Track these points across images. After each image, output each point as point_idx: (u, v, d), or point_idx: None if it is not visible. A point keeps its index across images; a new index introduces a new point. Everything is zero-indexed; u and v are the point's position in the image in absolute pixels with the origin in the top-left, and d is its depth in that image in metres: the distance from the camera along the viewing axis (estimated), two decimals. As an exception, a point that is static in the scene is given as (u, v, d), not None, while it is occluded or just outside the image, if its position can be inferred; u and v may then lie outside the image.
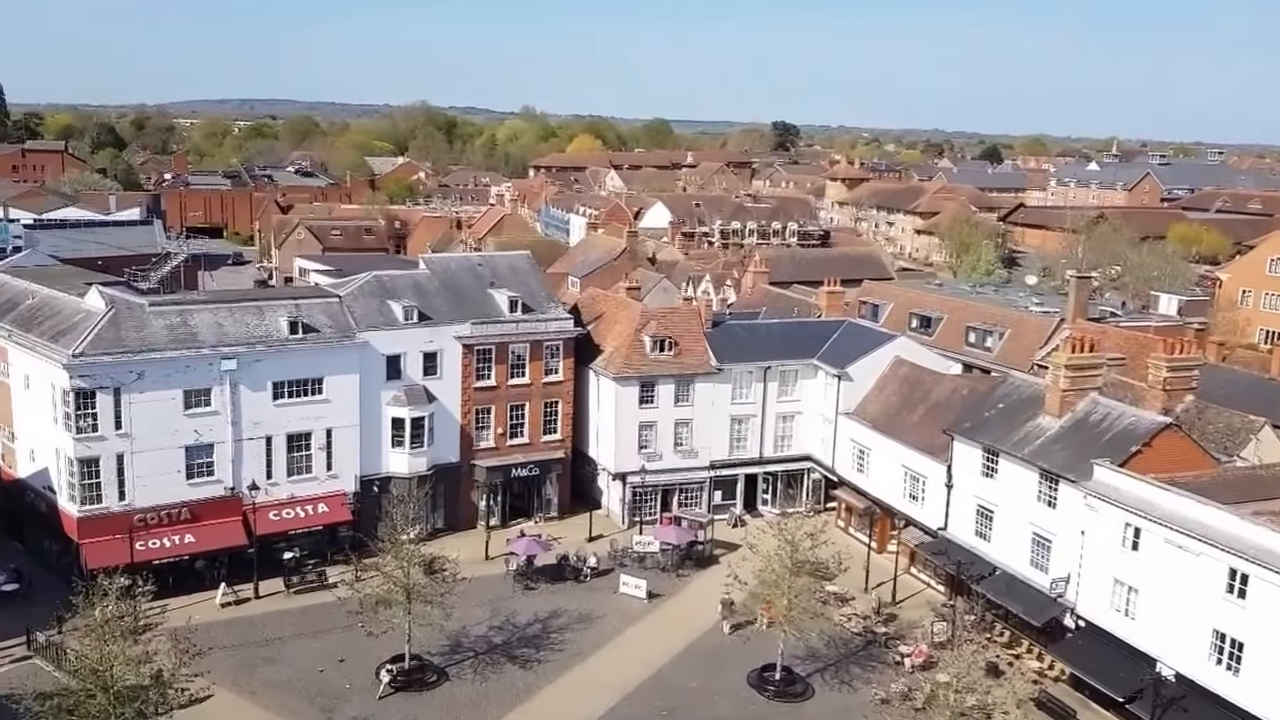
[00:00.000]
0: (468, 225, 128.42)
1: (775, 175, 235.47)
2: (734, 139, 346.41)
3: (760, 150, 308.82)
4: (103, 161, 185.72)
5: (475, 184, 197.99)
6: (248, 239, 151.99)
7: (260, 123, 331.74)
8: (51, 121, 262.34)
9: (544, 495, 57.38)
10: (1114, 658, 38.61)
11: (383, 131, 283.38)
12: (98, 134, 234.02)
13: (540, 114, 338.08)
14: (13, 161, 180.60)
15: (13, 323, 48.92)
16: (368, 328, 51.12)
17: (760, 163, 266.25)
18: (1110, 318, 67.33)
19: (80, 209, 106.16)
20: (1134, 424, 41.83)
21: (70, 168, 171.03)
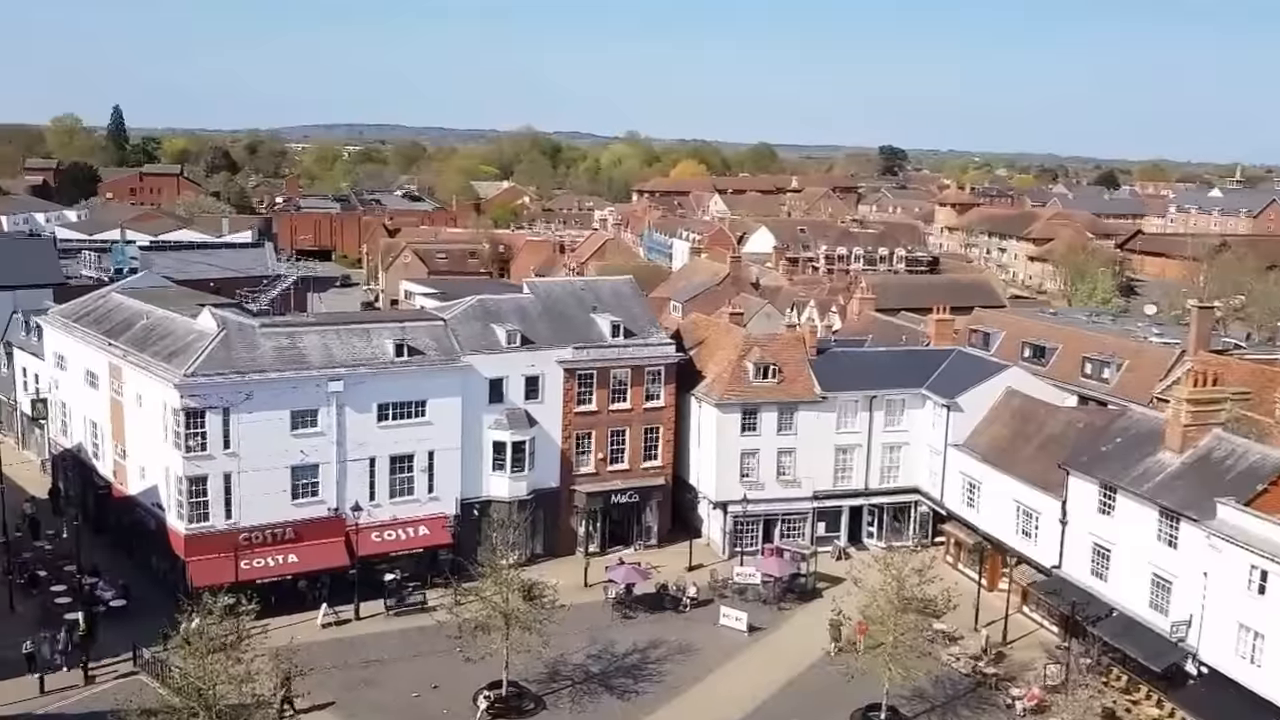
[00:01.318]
0: (571, 249, 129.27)
1: (882, 200, 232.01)
2: (840, 164, 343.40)
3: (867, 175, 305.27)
4: (217, 185, 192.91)
5: (579, 208, 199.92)
6: (355, 262, 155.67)
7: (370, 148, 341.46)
8: (169, 146, 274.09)
9: (644, 522, 56.55)
10: (1239, 707, 36.32)
11: (488, 156, 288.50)
12: (212, 158, 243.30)
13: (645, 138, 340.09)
14: (131, 185, 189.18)
15: (128, 343, 50.36)
16: (471, 351, 51.19)
17: (867, 187, 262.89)
18: (1234, 350, 63.71)
19: (194, 231, 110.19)
20: (1260, 461, 39.54)
21: (186, 191, 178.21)
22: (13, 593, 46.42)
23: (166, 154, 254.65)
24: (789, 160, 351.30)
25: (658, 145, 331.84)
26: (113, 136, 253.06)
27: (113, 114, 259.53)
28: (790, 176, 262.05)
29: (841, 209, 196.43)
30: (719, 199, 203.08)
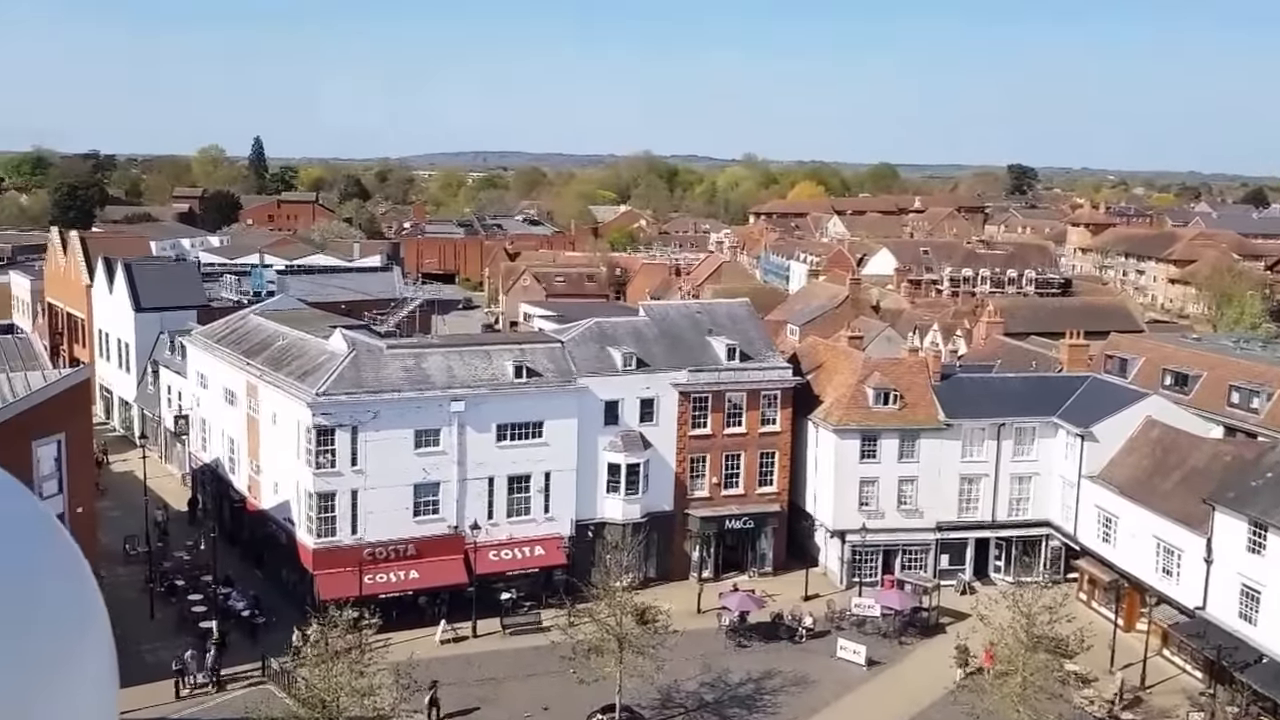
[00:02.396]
0: (686, 272, 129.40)
1: (1010, 220, 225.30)
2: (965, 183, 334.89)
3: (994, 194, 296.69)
4: (349, 211, 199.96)
5: (695, 231, 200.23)
6: (477, 285, 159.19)
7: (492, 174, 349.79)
8: (305, 174, 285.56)
9: (758, 549, 55.83)
10: None
11: (606, 181, 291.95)
12: (345, 186, 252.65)
13: (762, 160, 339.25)
14: (269, 212, 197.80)
15: (264, 362, 52.45)
16: (587, 373, 51.58)
17: (994, 207, 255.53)
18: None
19: (327, 256, 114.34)
20: None
21: (320, 217, 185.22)
22: (153, 600, 48.64)
23: (303, 182, 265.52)
24: (911, 180, 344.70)
25: (775, 167, 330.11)
26: (253, 166, 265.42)
27: (254, 145, 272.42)
28: (913, 196, 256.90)
29: (967, 229, 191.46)
30: (838, 220, 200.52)
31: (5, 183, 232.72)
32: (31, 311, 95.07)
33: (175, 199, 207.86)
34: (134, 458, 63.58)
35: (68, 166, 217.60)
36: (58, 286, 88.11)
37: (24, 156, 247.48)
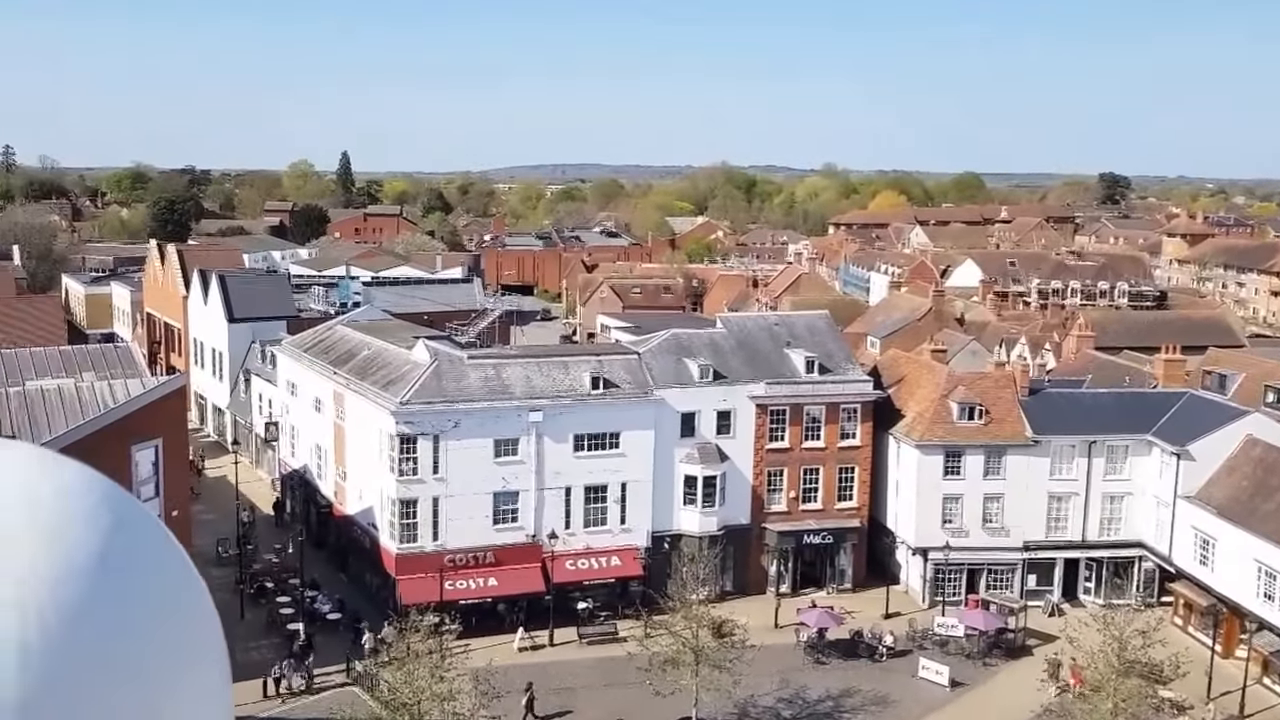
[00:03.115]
0: (764, 284, 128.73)
1: (1102, 230, 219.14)
2: (1054, 192, 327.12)
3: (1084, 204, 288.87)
4: (431, 224, 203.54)
5: (773, 242, 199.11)
6: (555, 296, 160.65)
7: (570, 186, 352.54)
8: (389, 188, 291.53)
9: (837, 565, 55.12)
10: None
11: (683, 192, 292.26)
12: (428, 199, 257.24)
13: (842, 170, 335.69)
14: (355, 225, 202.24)
15: (350, 371, 53.62)
16: (664, 385, 51.60)
17: (1084, 217, 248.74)
18: None
19: (411, 268, 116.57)
20: None
21: (404, 230, 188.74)
22: (243, 601, 49.96)
23: (387, 196, 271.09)
24: (997, 189, 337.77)
25: (855, 177, 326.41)
26: (341, 180, 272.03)
27: (341, 159, 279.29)
28: (999, 206, 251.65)
29: (1056, 240, 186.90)
30: (920, 231, 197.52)
31: (108, 197, 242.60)
32: (131, 321, 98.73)
33: (267, 213, 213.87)
34: (226, 463, 65.54)
35: (166, 182, 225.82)
36: (156, 297, 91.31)
37: (125, 172, 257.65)
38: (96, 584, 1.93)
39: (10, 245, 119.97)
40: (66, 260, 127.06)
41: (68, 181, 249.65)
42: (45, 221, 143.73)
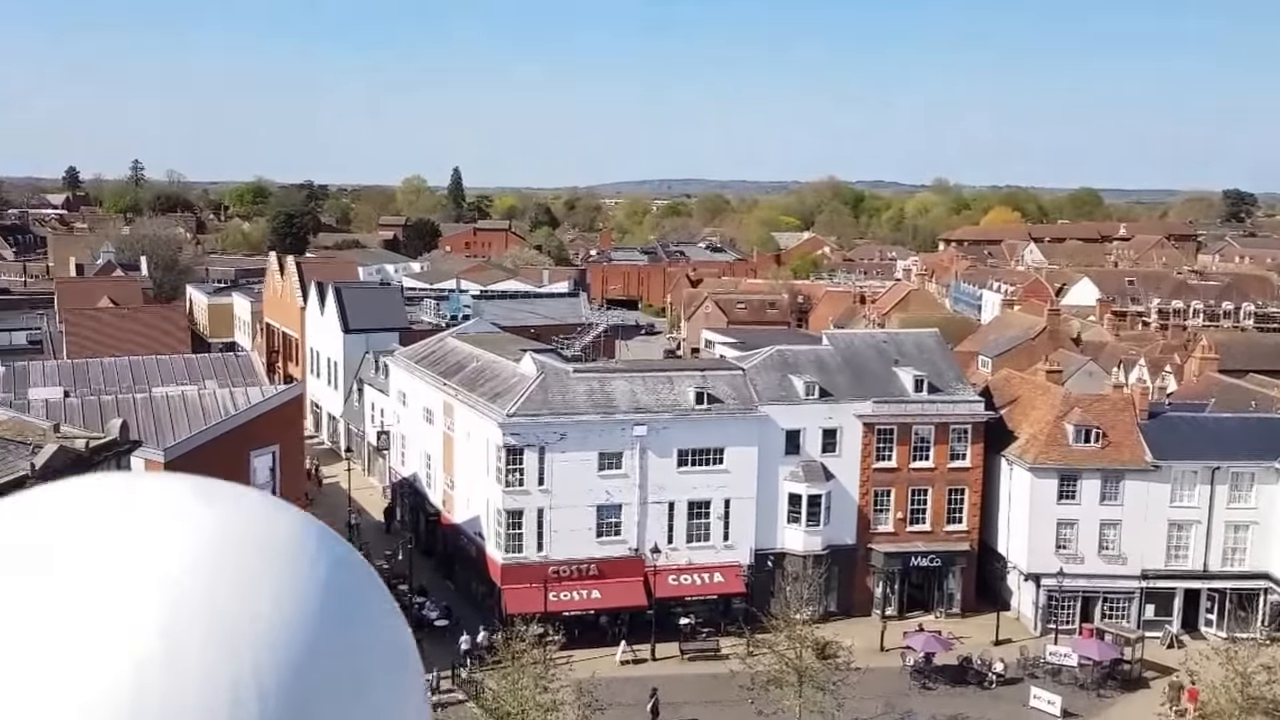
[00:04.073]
0: (872, 300, 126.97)
1: (1226, 249, 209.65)
2: (1176, 209, 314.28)
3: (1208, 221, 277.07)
4: (539, 239, 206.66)
5: (881, 258, 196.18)
6: (659, 311, 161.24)
7: (676, 201, 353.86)
8: (499, 203, 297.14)
9: (945, 589, 53.92)
10: None
11: (789, 207, 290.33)
12: (536, 214, 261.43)
13: (953, 186, 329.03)
14: (465, 239, 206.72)
15: (459, 383, 54.82)
16: (769, 401, 51.34)
17: (1208, 235, 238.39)
18: None
19: (518, 282, 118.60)
20: None
21: (512, 244, 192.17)
22: (353, 606, 51.24)
23: (497, 211, 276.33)
24: (1115, 206, 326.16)
25: (967, 192, 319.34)
26: (452, 195, 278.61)
27: (453, 175, 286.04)
28: (1117, 223, 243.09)
29: (1178, 259, 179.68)
30: (1035, 248, 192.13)
31: (230, 211, 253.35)
32: (251, 331, 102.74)
33: (381, 227, 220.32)
34: (339, 470, 67.64)
35: (285, 196, 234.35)
36: (275, 308, 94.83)
37: (247, 187, 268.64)
38: (330, 629, 2.02)
39: (139, 256, 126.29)
40: (191, 271, 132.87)
41: (193, 195, 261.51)
42: (171, 234, 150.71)
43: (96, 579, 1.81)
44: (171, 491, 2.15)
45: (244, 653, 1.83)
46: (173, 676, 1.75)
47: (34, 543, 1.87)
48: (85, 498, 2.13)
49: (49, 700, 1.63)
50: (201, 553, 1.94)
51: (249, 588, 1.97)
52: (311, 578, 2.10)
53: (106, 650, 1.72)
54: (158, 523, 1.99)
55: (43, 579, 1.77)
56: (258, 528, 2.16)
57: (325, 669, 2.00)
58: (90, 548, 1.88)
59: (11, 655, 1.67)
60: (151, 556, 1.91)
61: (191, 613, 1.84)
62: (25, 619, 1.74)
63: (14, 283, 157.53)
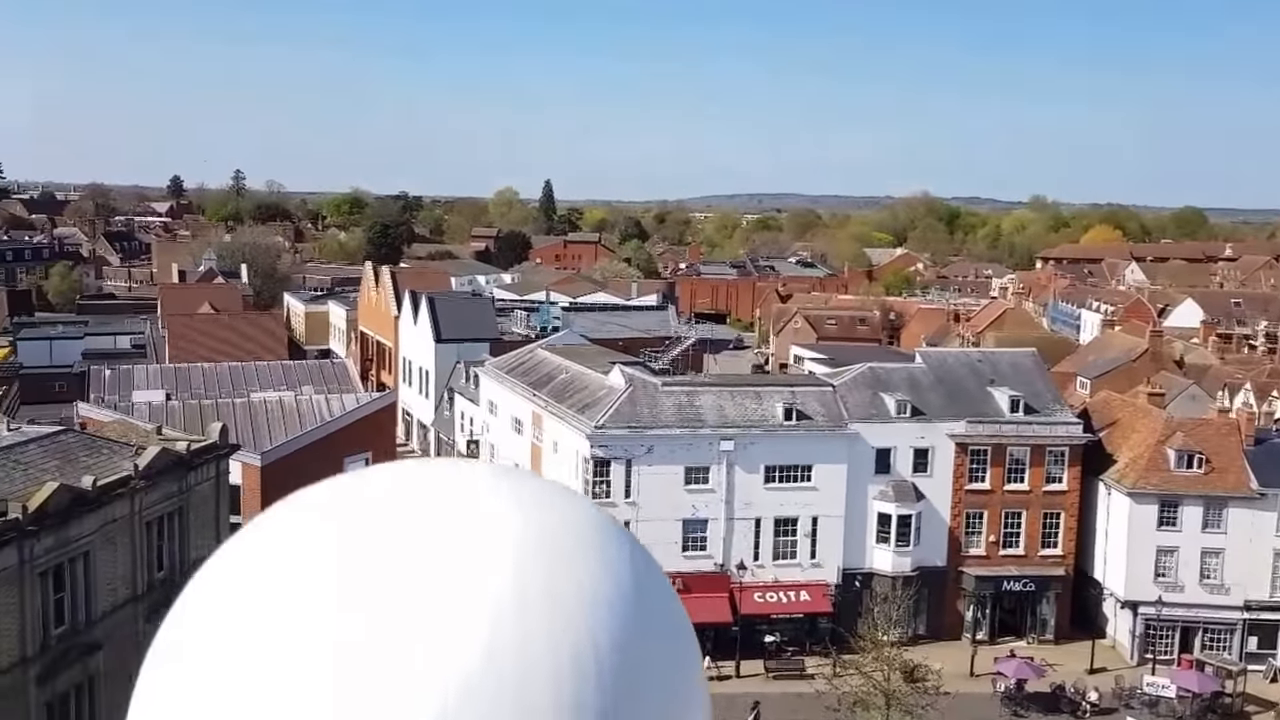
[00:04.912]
0: (966, 318, 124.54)
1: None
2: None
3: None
4: (628, 251, 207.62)
5: (976, 276, 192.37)
6: (747, 325, 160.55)
7: (767, 216, 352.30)
8: (589, 216, 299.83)
9: (1039, 614, 52.57)
10: None
11: (882, 222, 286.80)
12: (625, 227, 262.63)
13: (1052, 203, 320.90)
14: (556, 251, 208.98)
15: (548, 394, 55.47)
16: (859, 419, 50.79)
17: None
18: None
19: (607, 294, 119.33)
20: None
21: (601, 257, 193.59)
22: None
23: (587, 223, 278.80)
24: (1221, 225, 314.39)
25: (1066, 210, 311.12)
26: (543, 208, 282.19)
27: (544, 188, 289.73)
28: (1223, 243, 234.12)
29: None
30: (1136, 267, 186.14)
31: (327, 220, 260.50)
32: (346, 339, 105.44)
33: (473, 238, 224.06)
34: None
35: (381, 207, 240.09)
36: (369, 316, 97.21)
37: (344, 197, 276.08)
38: (643, 601, 2.29)
39: (239, 264, 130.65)
40: (289, 279, 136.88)
41: (291, 205, 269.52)
42: (270, 242, 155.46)
43: (452, 552, 2.11)
44: (493, 476, 2.42)
45: (579, 621, 2.09)
46: (522, 637, 2.01)
47: (395, 514, 2.26)
48: (432, 477, 2.52)
49: (419, 653, 1.93)
50: (536, 531, 2.30)
51: (578, 564, 2.30)
52: (621, 557, 2.41)
53: (467, 612, 2.01)
54: (495, 503, 2.27)
55: (406, 549, 2.08)
56: (572, 512, 2.50)
57: (643, 636, 2.20)
58: (442, 523, 2.16)
59: (387, 612, 1.97)
60: (495, 535, 2.17)
61: (535, 584, 2.10)
62: (397, 583, 2.02)
63: (119, 288, 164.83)
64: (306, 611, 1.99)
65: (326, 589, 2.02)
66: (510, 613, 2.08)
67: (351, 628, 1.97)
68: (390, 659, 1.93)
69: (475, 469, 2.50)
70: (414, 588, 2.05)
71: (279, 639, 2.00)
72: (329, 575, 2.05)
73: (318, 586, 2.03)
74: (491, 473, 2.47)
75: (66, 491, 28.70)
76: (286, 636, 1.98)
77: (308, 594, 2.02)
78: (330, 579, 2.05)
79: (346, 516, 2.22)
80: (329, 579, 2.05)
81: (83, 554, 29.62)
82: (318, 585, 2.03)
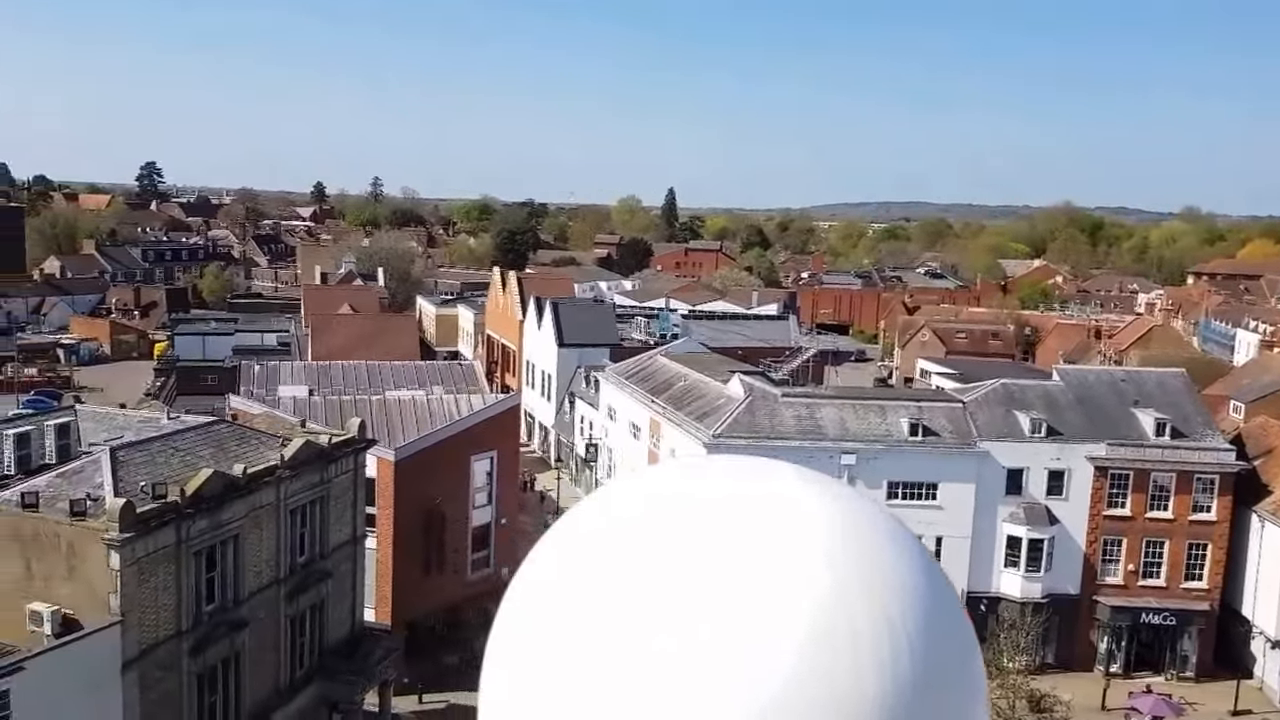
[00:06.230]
0: (1108, 335, 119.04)
1: None
2: None
3: None
4: (749, 260, 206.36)
5: (1120, 290, 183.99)
6: (871, 337, 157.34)
7: (894, 225, 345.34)
8: (711, 224, 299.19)
9: (1179, 650, 49.46)
10: None
11: (1019, 233, 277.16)
12: (747, 235, 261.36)
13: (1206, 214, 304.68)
14: (677, 259, 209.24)
15: (667, 401, 55.08)
16: (990, 437, 48.78)
17: None
18: None
19: (727, 303, 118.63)
20: None
21: (722, 265, 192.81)
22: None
23: (708, 231, 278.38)
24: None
25: (1222, 222, 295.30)
26: (666, 215, 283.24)
27: (667, 195, 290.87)
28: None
29: None
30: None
31: (457, 226, 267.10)
32: (473, 341, 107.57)
33: (596, 245, 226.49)
34: (547, 479, 69.36)
35: (508, 213, 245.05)
36: (496, 320, 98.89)
37: (474, 204, 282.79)
38: (936, 592, 2.73)
39: (376, 267, 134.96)
40: (421, 283, 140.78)
41: (425, 211, 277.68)
42: (405, 247, 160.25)
43: (774, 537, 2.41)
44: (798, 475, 2.79)
45: (891, 603, 2.37)
46: (843, 611, 2.31)
47: (718, 510, 2.46)
48: (744, 473, 2.78)
49: (759, 617, 2.21)
50: (848, 523, 2.51)
51: (883, 553, 2.49)
52: (915, 548, 2.65)
53: (795, 587, 2.30)
54: (807, 496, 2.62)
55: (740, 536, 2.37)
56: (870, 508, 2.73)
57: (942, 625, 2.52)
58: (762, 511, 2.48)
59: (718, 601, 2.23)
60: (810, 523, 2.50)
61: (851, 569, 2.39)
62: (739, 561, 2.31)
63: (266, 288, 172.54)
64: (645, 606, 2.27)
65: (663, 580, 2.29)
66: (830, 602, 2.32)
67: (684, 620, 2.21)
68: (722, 645, 2.19)
69: (781, 469, 2.86)
70: (747, 581, 2.31)
71: (627, 620, 2.29)
72: (665, 566, 2.32)
73: (655, 579, 2.30)
74: (797, 473, 2.83)
75: (220, 478, 30.24)
76: (630, 621, 2.26)
77: (646, 588, 2.29)
78: (665, 570, 2.31)
79: (670, 512, 2.47)
80: (666, 570, 2.32)
81: (232, 537, 31.12)
82: (655, 578, 2.30)
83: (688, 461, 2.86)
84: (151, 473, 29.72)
